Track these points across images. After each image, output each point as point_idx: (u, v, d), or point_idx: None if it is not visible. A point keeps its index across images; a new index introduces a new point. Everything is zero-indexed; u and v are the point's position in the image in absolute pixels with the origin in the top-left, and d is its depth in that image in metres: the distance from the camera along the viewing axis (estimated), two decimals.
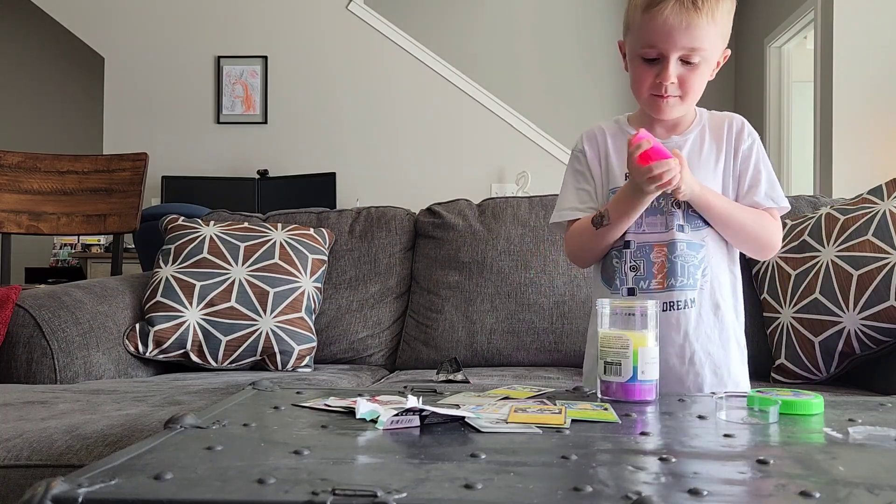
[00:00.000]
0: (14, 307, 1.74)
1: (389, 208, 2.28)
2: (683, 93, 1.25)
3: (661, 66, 1.24)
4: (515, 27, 5.70)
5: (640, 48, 1.24)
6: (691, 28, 1.20)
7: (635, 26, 1.25)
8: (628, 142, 1.21)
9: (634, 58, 1.27)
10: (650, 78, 1.25)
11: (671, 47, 1.21)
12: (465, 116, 4.47)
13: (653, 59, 1.24)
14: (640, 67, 1.26)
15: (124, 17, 4.54)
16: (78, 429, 1.15)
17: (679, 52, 1.22)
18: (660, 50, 1.22)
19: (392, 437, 0.82)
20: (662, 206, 1.29)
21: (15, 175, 2.64)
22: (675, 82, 1.24)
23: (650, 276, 1.28)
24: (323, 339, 2.08)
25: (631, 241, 1.29)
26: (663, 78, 1.23)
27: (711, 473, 0.69)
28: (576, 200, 1.37)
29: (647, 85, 1.26)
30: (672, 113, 1.29)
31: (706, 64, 1.25)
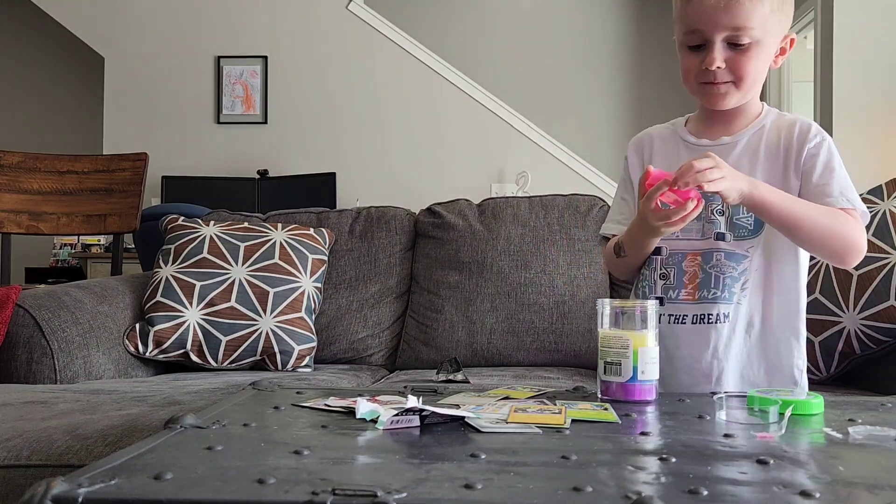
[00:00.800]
0: (14, 307, 1.74)
1: (389, 208, 2.28)
2: (737, 78, 1.17)
3: (707, 50, 1.16)
4: (516, 27, 5.70)
5: (684, 36, 1.18)
6: (733, 6, 1.13)
7: (678, 15, 1.19)
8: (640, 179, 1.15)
9: (680, 47, 1.20)
10: (696, 66, 1.18)
11: (713, 29, 1.14)
12: (465, 116, 4.47)
13: (698, 46, 1.17)
14: (686, 56, 1.20)
15: (124, 17, 4.54)
16: (78, 429, 1.15)
17: (724, 34, 1.14)
18: (703, 34, 1.16)
19: (392, 437, 0.82)
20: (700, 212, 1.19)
21: (15, 175, 2.64)
22: (723, 67, 1.15)
23: (680, 285, 1.21)
24: (323, 339, 2.07)
25: (662, 248, 1.23)
26: (708, 62, 1.15)
27: (711, 473, 0.69)
28: (616, 212, 1.33)
29: (693, 73, 1.19)
30: (728, 102, 1.20)
31: (759, 46, 1.16)
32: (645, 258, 1.23)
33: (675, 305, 1.21)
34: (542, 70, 5.64)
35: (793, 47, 1.24)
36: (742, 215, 1.21)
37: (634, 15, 5.66)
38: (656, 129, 1.34)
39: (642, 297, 1.24)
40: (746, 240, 1.20)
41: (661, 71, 5.60)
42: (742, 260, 1.19)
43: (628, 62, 5.67)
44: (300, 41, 4.54)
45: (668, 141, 1.30)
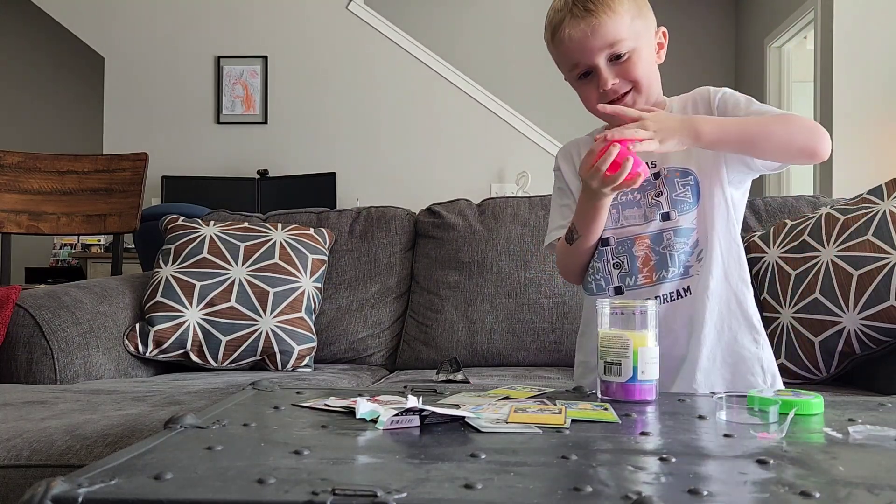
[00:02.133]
0: (14, 307, 1.74)
1: (389, 208, 2.28)
2: (634, 85, 1.23)
3: (595, 75, 1.23)
4: (515, 27, 5.70)
5: (569, 72, 1.25)
6: (595, 29, 1.19)
7: (556, 58, 1.27)
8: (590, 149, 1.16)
9: (573, 82, 1.27)
10: (594, 93, 1.24)
11: (590, 55, 1.21)
12: (465, 116, 4.47)
13: (586, 74, 1.24)
14: (582, 88, 1.26)
15: (124, 17, 4.54)
16: (78, 429, 1.15)
17: (602, 54, 1.21)
18: (585, 63, 1.22)
19: (392, 437, 0.82)
20: (637, 198, 1.25)
21: (15, 175, 2.64)
22: (616, 81, 1.22)
23: (635, 271, 1.24)
24: (323, 339, 2.08)
25: (610, 238, 1.26)
26: (602, 84, 1.22)
27: (711, 473, 0.69)
28: (560, 219, 1.35)
29: (595, 100, 1.24)
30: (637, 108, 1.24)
31: (637, 51, 1.22)
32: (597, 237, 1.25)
33: (635, 292, 1.24)
34: (542, 70, 5.62)
35: (667, 38, 1.31)
36: (680, 191, 1.24)
37: None
38: (578, 139, 1.40)
39: (598, 291, 1.27)
40: (689, 212, 1.23)
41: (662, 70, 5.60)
42: (690, 233, 1.23)
43: None
44: (300, 41, 4.54)
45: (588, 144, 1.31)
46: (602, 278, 1.27)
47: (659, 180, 1.25)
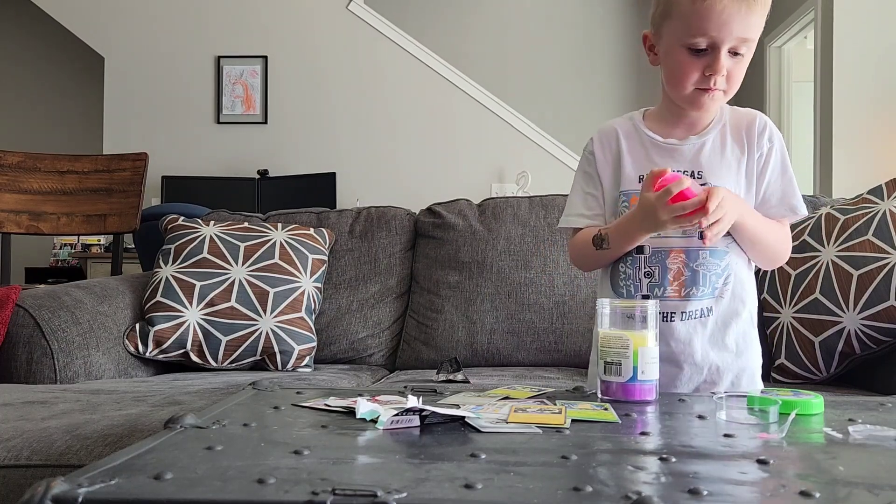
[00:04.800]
0: (14, 307, 1.74)
1: (389, 208, 2.28)
2: (729, 86, 1.18)
3: (712, 57, 1.14)
4: (515, 27, 5.70)
5: (689, 38, 1.14)
6: (750, 15, 1.12)
7: (682, 14, 1.14)
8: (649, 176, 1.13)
9: (676, 49, 1.17)
10: (697, 71, 1.16)
11: (726, 37, 1.12)
12: (465, 116, 4.47)
13: (700, 50, 1.15)
14: (686, 59, 1.16)
15: (124, 17, 4.54)
16: (78, 429, 1.15)
17: (731, 43, 1.13)
18: (713, 39, 1.13)
19: (392, 437, 0.82)
20: None
21: (15, 175, 2.64)
22: (724, 75, 1.16)
23: (665, 283, 1.22)
24: (323, 339, 2.07)
25: (646, 246, 1.23)
26: (714, 70, 1.14)
27: (711, 473, 0.69)
28: (582, 206, 1.31)
29: (692, 78, 1.16)
30: (714, 108, 1.23)
31: (750, 55, 1.17)
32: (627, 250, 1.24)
33: (662, 303, 1.21)
34: (542, 70, 5.65)
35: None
36: None
37: (635, 15, 5.66)
38: (617, 123, 1.32)
39: (626, 296, 1.25)
40: (725, 236, 1.22)
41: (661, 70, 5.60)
42: (724, 256, 1.22)
43: (628, 62, 5.67)
44: (300, 41, 4.54)
45: (633, 138, 1.29)
46: (632, 285, 1.24)
47: None
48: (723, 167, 1.23)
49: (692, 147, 1.25)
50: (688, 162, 1.24)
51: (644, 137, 1.28)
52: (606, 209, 1.30)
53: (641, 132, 1.28)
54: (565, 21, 5.70)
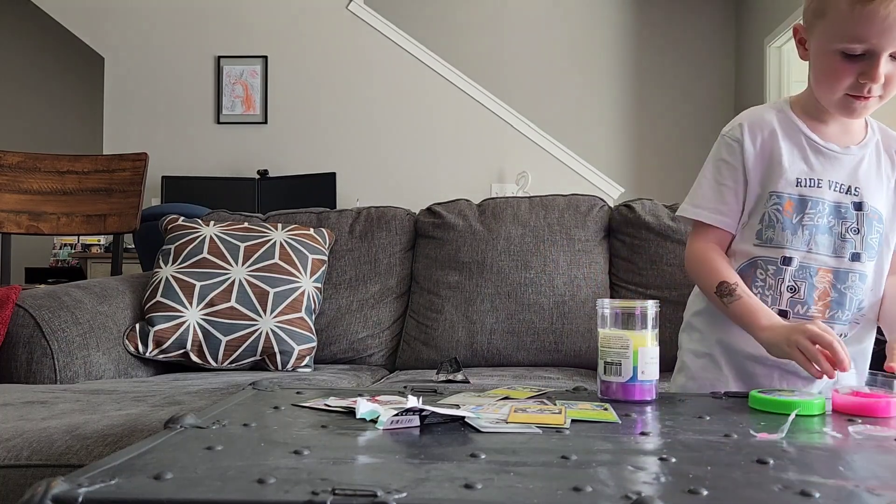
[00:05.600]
0: (14, 307, 1.74)
1: (389, 208, 2.28)
2: (886, 92, 1.09)
3: (869, 63, 1.06)
4: (515, 26, 5.70)
5: (844, 42, 1.06)
6: None
7: (837, 16, 1.06)
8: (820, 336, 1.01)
9: (830, 52, 1.08)
10: (851, 76, 1.08)
11: (888, 44, 1.04)
12: (465, 116, 4.47)
13: (856, 55, 1.06)
14: (839, 63, 1.08)
15: (124, 17, 4.54)
16: (78, 429, 1.15)
17: (892, 49, 1.05)
18: (871, 46, 1.04)
19: (392, 437, 0.82)
20: (832, 225, 1.15)
21: (15, 175, 2.64)
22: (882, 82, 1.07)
23: (810, 301, 1.15)
24: (323, 339, 2.08)
25: (794, 258, 1.15)
26: (872, 78, 1.06)
27: (711, 473, 0.69)
28: (715, 200, 1.20)
29: (845, 84, 1.09)
30: (866, 114, 1.15)
31: None
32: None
33: (801, 319, 1.14)
34: (542, 70, 5.65)
35: None
36: (873, 235, 1.17)
37: (635, 14, 5.66)
38: (768, 114, 1.21)
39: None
40: (872, 260, 1.17)
41: (662, 71, 5.60)
42: (866, 279, 1.17)
43: (629, 62, 5.67)
44: (300, 41, 4.54)
45: (790, 134, 1.19)
46: (770, 296, 1.17)
47: (860, 214, 1.16)
48: (880, 185, 1.18)
49: (852, 159, 1.18)
50: (846, 174, 1.17)
51: (801, 136, 1.19)
52: (746, 206, 1.20)
53: (798, 128, 1.19)
54: (565, 21, 5.70)
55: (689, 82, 5.65)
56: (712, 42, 5.75)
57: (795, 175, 1.16)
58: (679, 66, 5.64)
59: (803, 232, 1.15)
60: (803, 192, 1.15)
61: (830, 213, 1.15)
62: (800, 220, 1.15)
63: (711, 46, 5.75)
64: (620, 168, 5.44)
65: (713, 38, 5.76)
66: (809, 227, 1.15)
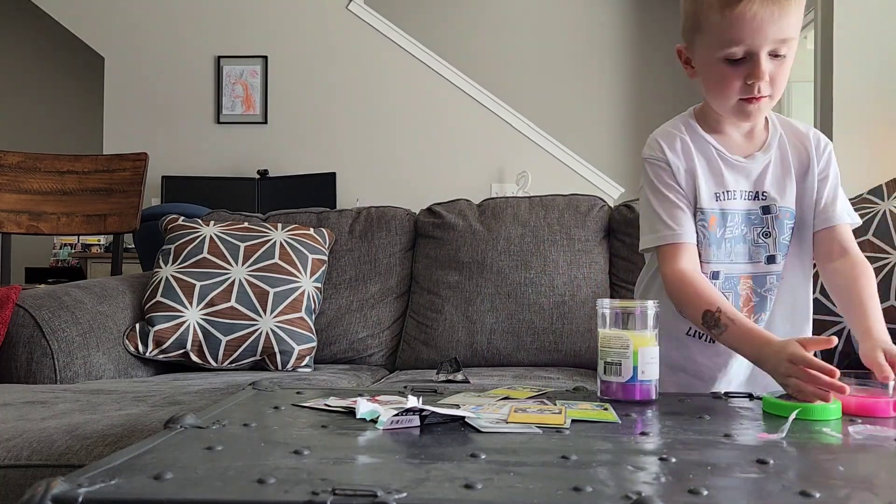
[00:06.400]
0: (14, 307, 1.74)
1: (389, 208, 2.28)
2: (774, 90, 1.12)
3: (751, 64, 1.09)
4: (515, 27, 5.70)
5: (723, 48, 1.09)
6: (783, 16, 1.06)
7: (713, 26, 1.10)
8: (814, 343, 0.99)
9: (712, 61, 1.12)
10: (738, 81, 1.11)
11: (762, 41, 1.07)
12: (465, 116, 4.47)
13: (738, 59, 1.10)
14: (725, 71, 1.11)
15: (124, 17, 4.54)
16: (78, 429, 1.15)
17: (770, 47, 1.08)
18: (749, 47, 1.08)
19: (392, 437, 0.82)
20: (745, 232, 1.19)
21: (15, 175, 2.64)
22: (767, 80, 1.10)
23: (737, 308, 1.17)
24: (323, 339, 2.07)
25: (720, 272, 1.19)
26: (757, 77, 1.09)
27: (711, 473, 0.69)
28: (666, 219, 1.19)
29: (735, 89, 1.11)
30: (761, 116, 1.18)
31: (792, 54, 1.11)
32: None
33: None
34: (542, 70, 5.65)
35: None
36: (786, 233, 1.19)
37: (635, 14, 5.66)
38: (676, 128, 1.24)
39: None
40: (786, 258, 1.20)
41: (661, 70, 5.60)
42: (778, 277, 1.20)
43: (629, 62, 5.67)
44: (300, 41, 4.54)
45: (703, 150, 1.21)
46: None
47: (769, 217, 1.19)
48: (788, 182, 1.20)
49: (758, 165, 1.20)
50: (752, 182, 1.19)
51: (711, 148, 1.21)
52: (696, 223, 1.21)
53: (706, 141, 1.21)
54: (565, 20, 5.70)
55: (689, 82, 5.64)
56: None
57: (713, 189, 1.19)
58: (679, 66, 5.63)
59: (725, 245, 1.19)
60: (723, 205, 1.19)
61: (742, 222, 1.19)
62: (722, 233, 1.19)
63: None
64: (620, 168, 5.43)
65: None
66: (729, 240, 1.19)
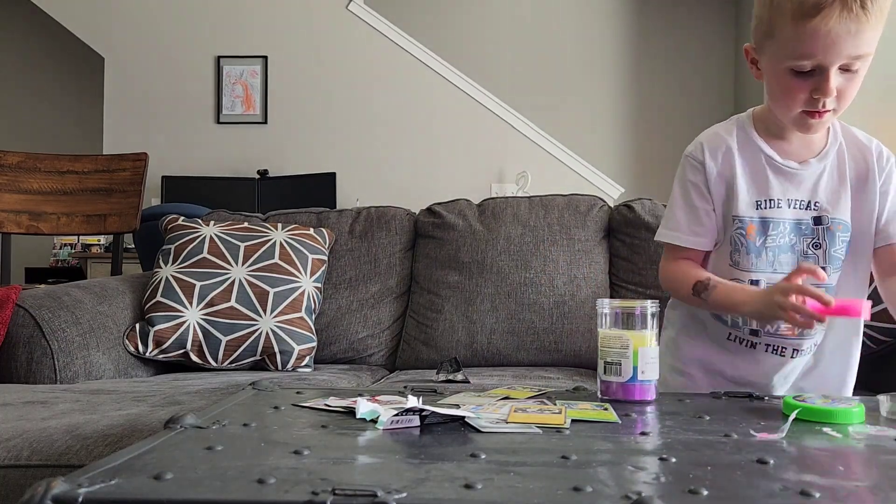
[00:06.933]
0: (14, 307, 1.74)
1: (389, 208, 2.28)
2: (839, 105, 1.10)
3: (820, 78, 1.07)
4: (515, 26, 5.70)
5: (793, 60, 1.07)
6: (861, 32, 1.04)
7: (783, 35, 1.07)
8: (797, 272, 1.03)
9: (781, 70, 1.10)
10: (804, 93, 1.08)
11: (834, 59, 1.05)
12: (465, 116, 4.47)
13: (807, 72, 1.07)
14: (791, 81, 1.09)
15: (124, 17, 4.54)
16: (78, 429, 1.15)
17: (842, 62, 1.06)
18: (820, 61, 1.05)
19: (392, 437, 0.82)
20: (794, 242, 1.17)
21: (15, 175, 2.64)
22: (834, 96, 1.08)
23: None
24: (323, 339, 2.07)
25: (761, 281, 1.16)
26: (824, 93, 1.06)
27: (711, 473, 0.69)
28: (689, 222, 1.21)
29: (799, 101, 1.09)
30: (822, 129, 1.17)
31: (865, 68, 1.09)
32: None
33: (773, 338, 1.18)
34: (542, 70, 5.64)
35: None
36: (838, 247, 1.17)
37: (635, 15, 5.66)
38: (726, 131, 1.22)
39: (732, 325, 1.22)
40: (838, 271, 1.18)
41: (662, 71, 5.60)
42: (832, 290, 1.17)
43: (629, 62, 5.67)
44: (300, 41, 4.54)
45: (748, 154, 1.20)
46: (741, 317, 1.19)
47: (820, 229, 1.17)
48: (843, 193, 1.18)
49: (812, 173, 1.18)
50: (806, 191, 1.17)
51: (760, 155, 1.19)
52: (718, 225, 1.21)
53: (757, 147, 1.20)
54: (566, 20, 5.70)
55: (689, 82, 5.65)
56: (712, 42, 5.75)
57: (754, 197, 1.18)
58: (679, 66, 5.63)
59: (767, 254, 1.17)
60: (764, 213, 1.17)
61: (791, 231, 1.17)
62: (763, 242, 1.17)
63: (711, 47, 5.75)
64: (620, 168, 5.44)
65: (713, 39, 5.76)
66: (772, 249, 1.17)
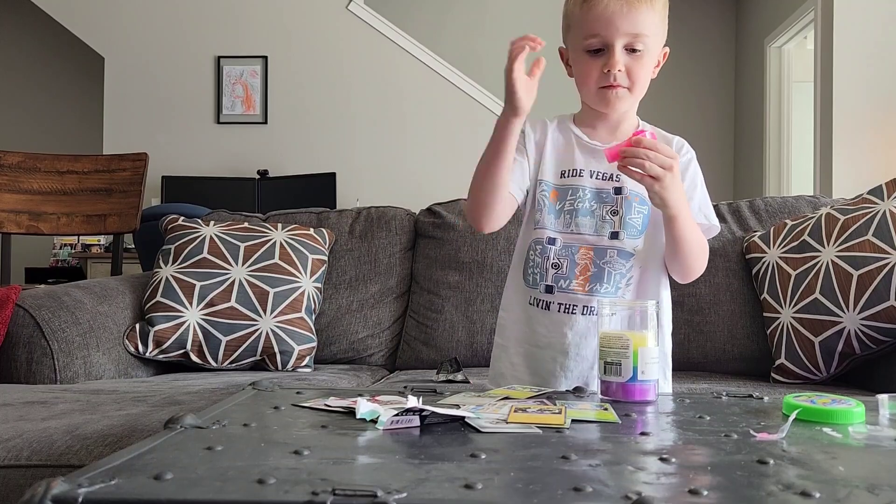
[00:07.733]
0: (14, 307, 1.74)
1: (389, 208, 2.28)
2: (631, 83, 1.25)
3: (607, 54, 1.23)
4: (515, 26, 5.69)
5: (583, 40, 1.24)
6: (633, 12, 1.21)
7: (575, 21, 1.26)
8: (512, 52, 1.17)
9: (578, 53, 1.27)
10: (597, 70, 1.25)
11: (615, 33, 1.22)
12: (465, 116, 4.47)
13: (597, 51, 1.24)
14: (586, 61, 1.26)
15: (124, 17, 4.54)
16: (78, 429, 1.15)
17: (623, 40, 1.22)
18: (603, 38, 1.23)
19: (392, 437, 0.82)
20: (594, 208, 1.28)
21: (15, 175, 2.64)
22: (623, 70, 1.23)
23: (571, 276, 1.27)
24: (323, 339, 2.07)
25: (557, 239, 1.29)
26: (610, 65, 1.22)
27: (711, 473, 0.69)
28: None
29: (594, 77, 1.25)
30: (621, 105, 1.28)
31: (649, 55, 1.25)
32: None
33: (565, 294, 1.28)
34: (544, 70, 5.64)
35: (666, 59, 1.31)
36: (634, 216, 1.28)
37: None
38: (549, 119, 1.38)
39: (531, 284, 1.31)
40: (635, 239, 1.28)
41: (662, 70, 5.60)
42: (629, 258, 1.27)
43: None
44: (300, 41, 4.54)
45: (560, 133, 1.35)
46: (538, 274, 1.30)
47: (619, 197, 1.29)
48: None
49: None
50: (609, 165, 1.26)
51: (571, 135, 1.34)
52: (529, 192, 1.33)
53: (569, 130, 1.35)
54: None
55: (689, 82, 5.65)
56: (712, 42, 5.76)
57: (559, 167, 1.32)
58: (679, 66, 5.63)
59: (565, 216, 1.29)
60: (566, 182, 1.31)
61: (592, 198, 1.29)
62: (562, 206, 1.30)
63: (711, 46, 5.76)
64: None
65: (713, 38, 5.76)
66: (570, 211, 1.29)
